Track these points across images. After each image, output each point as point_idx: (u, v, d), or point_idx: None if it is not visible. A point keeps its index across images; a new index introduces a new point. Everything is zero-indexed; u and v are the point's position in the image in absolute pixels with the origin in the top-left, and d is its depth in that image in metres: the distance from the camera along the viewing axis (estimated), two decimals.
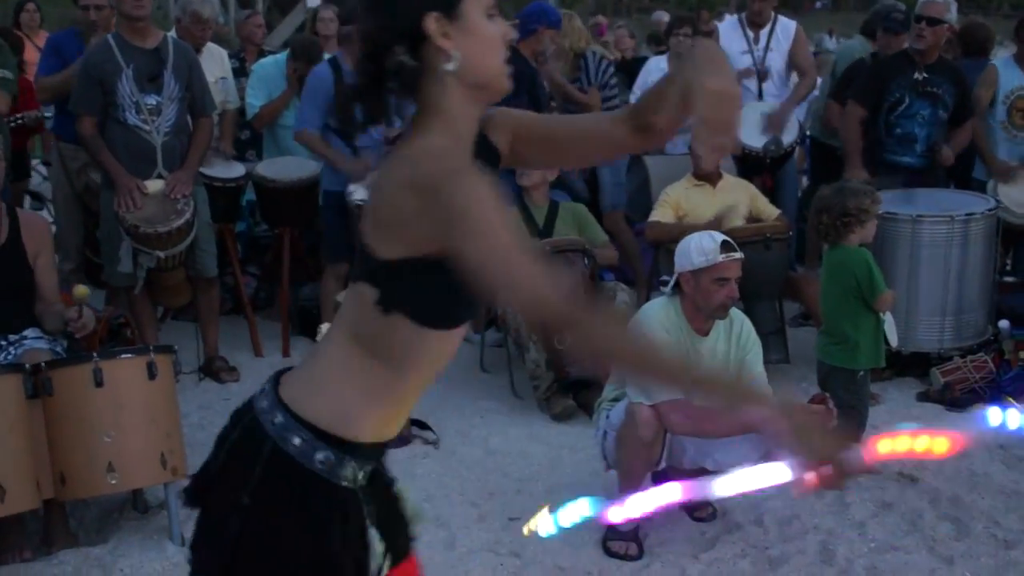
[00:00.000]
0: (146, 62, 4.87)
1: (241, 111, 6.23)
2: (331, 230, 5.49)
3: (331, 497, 1.74)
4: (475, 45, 1.64)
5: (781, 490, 3.84)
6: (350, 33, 5.38)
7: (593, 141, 1.92)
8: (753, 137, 5.95)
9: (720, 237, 3.66)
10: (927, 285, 5.12)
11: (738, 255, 3.67)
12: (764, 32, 6.14)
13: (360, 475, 1.78)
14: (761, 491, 3.79)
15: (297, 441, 1.72)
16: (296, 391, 1.78)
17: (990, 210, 5.24)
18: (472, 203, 1.53)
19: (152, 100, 4.89)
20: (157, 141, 4.93)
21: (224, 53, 6.15)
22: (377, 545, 1.80)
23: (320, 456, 1.72)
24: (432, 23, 1.61)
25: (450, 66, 1.62)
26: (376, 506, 1.83)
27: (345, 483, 1.75)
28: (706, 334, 3.72)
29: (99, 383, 3.54)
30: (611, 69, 6.43)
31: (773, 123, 5.97)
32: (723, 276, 3.61)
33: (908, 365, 5.26)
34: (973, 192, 5.79)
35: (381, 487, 1.87)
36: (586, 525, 1.97)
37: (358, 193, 5.19)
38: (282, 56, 6.34)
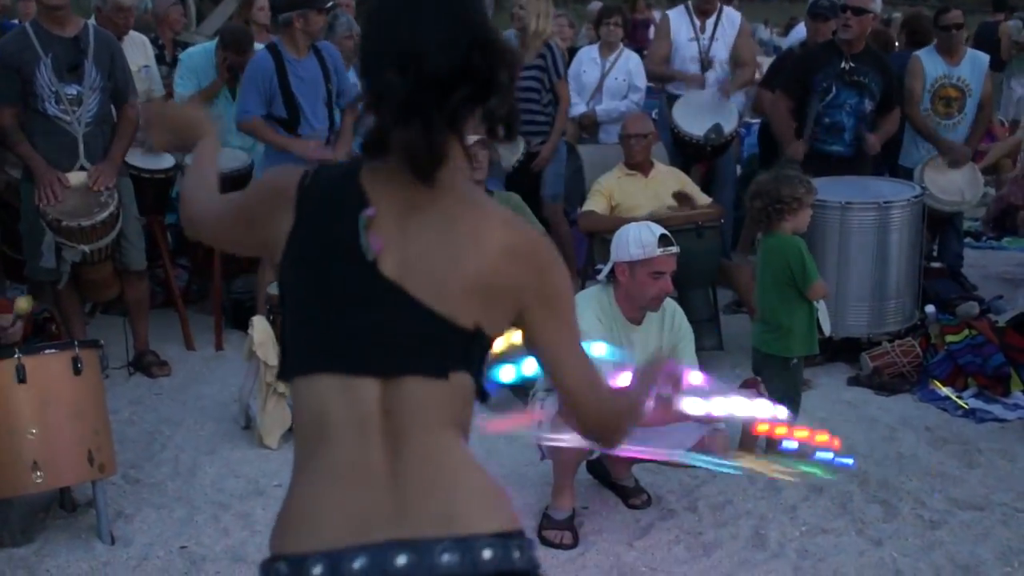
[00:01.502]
0: (65, 51, 4.74)
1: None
2: None
3: None
4: None
5: (714, 476, 3.90)
6: (289, 20, 5.30)
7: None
8: (694, 125, 5.99)
9: (659, 231, 3.67)
10: (856, 271, 5.20)
11: (675, 249, 3.68)
12: (710, 21, 6.20)
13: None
14: (695, 477, 3.84)
15: (517, 555, 1.54)
16: (475, 513, 1.55)
17: (916, 197, 5.34)
18: (572, 305, 1.69)
19: (73, 90, 4.77)
20: (79, 132, 4.82)
21: (147, 41, 6.03)
22: None
23: (532, 553, 1.57)
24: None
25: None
26: None
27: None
28: (639, 323, 3.74)
29: (22, 379, 3.45)
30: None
31: (725, 89, 6.07)
32: (659, 270, 3.62)
33: (839, 351, 5.34)
34: (900, 180, 5.90)
35: None
36: (522, 514, 1.92)
37: None
38: (211, 44, 6.23)
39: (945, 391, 4.90)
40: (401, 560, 1.47)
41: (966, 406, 4.78)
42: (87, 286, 5.10)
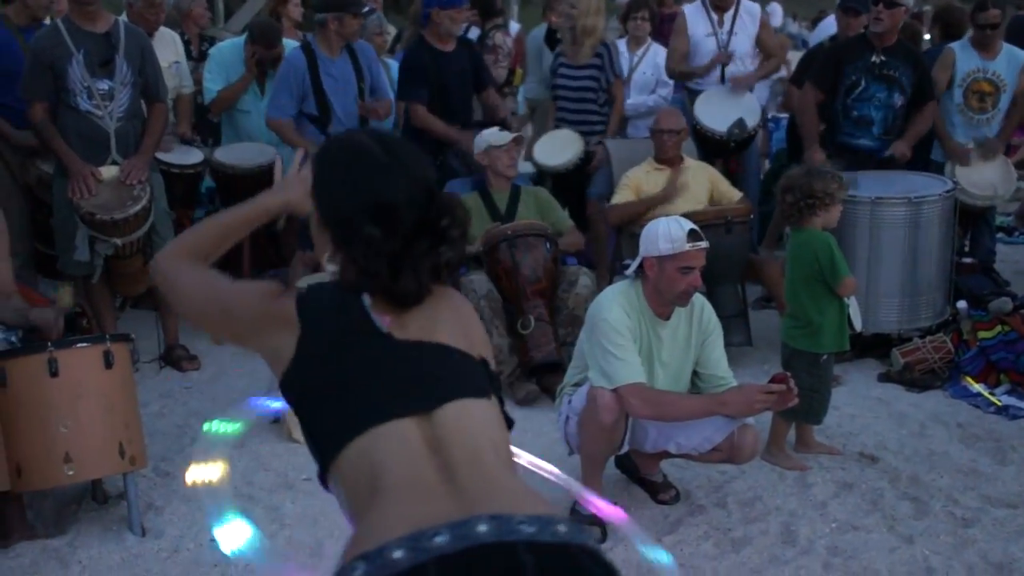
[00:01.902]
0: (97, 47, 4.78)
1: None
2: (305, 218, 5.41)
3: None
4: None
5: (743, 472, 3.88)
6: (323, 21, 5.33)
7: None
8: (717, 121, 5.96)
9: (688, 225, 3.65)
10: (887, 267, 5.16)
11: (704, 244, 3.65)
12: (728, 15, 6.15)
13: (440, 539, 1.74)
14: (723, 473, 3.82)
15: (587, 535, 1.63)
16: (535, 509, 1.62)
17: (948, 192, 5.29)
18: None
19: (104, 85, 4.81)
20: (110, 127, 4.86)
21: (177, 37, 6.07)
22: None
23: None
24: None
25: None
26: None
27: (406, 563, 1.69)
28: (667, 318, 3.72)
29: (54, 373, 3.49)
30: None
31: (737, 83, 6.01)
32: (688, 265, 3.60)
33: (869, 346, 5.30)
34: (931, 174, 5.84)
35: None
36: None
37: None
38: (240, 40, 6.26)
39: (977, 387, 4.85)
40: (483, 527, 1.52)
41: (999, 403, 4.73)
42: (118, 280, 5.14)
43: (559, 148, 6.07)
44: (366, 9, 5.46)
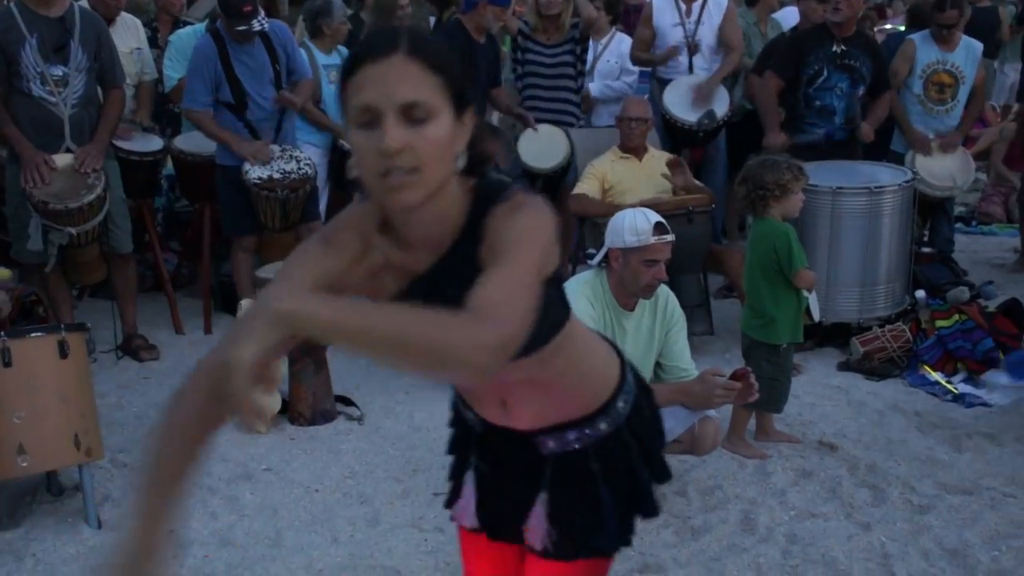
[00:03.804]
0: (51, 31, 4.70)
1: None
2: (229, 204, 5.37)
3: (455, 408, 2.01)
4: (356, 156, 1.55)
5: (704, 461, 3.89)
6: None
7: None
8: (686, 111, 5.97)
9: (654, 218, 3.64)
10: (847, 256, 5.20)
11: (670, 237, 3.64)
12: (696, 6, 6.15)
13: (470, 416, 1.93)
14: (684, 462, 3.83)
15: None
16: None
17: (907, 182, 5.34)
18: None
19: (58, 71, 4.73)
20: (65, 113, 4.78)
21: (139, 23, 5.96)
22: (469, 488, 1.97)
23: None
24: None
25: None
26: (490, 466, 1.95)
27: (461, 414, 1.98)
28: (632, 309, 3.72)
29: (7, 363, 3.43)
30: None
31: (700, 95, 6.00)
32: (653, 258, 3.59)
33: (829, 335, 5.35)
34: (891, 164, 5.89)
35: (511, 471, 1.93)
36: None
37: (253, 172, 5.12)
38: (200, 26, 6.17)
39: (935, 376, 4.91)
40: None
41: (955, 391, 4.78)
42: (74, 269, 5.06)
43: (546, 147, 6.00)
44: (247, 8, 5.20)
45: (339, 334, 1.39)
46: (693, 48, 6.13)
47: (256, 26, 5.10)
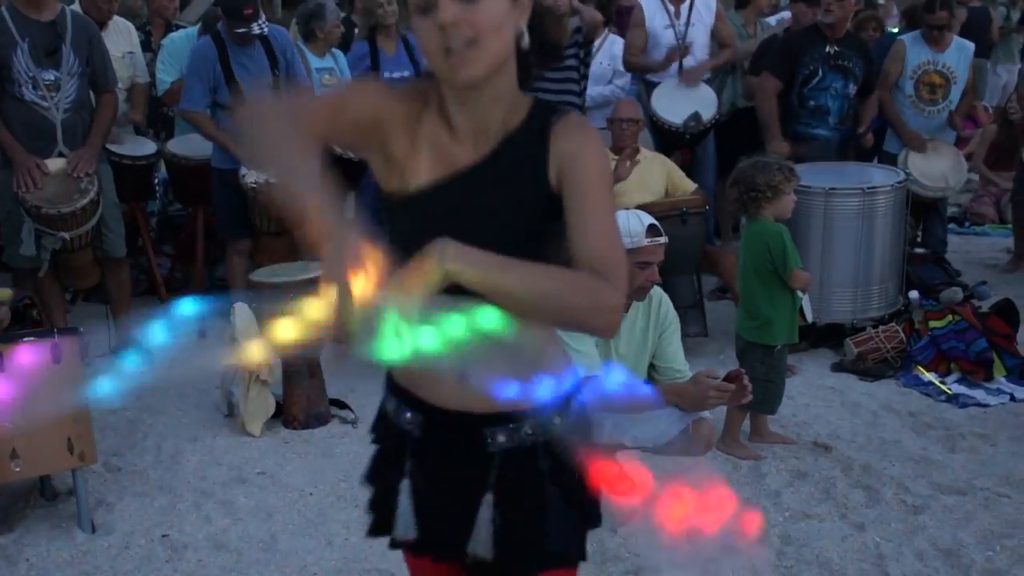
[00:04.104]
0: (42, 36, 4.69)
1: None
2: (225, 207, 5.38)
3: (381, 420, 1.89)
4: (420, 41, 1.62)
5: (698, 462, 3.89)
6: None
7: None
8: (673, 113, 5.98)
9: (648, 220, 3.64)
10: (840, 257, 5.21)
11: (663, 240, 3.65)
12: (685, 7, 6.16)
13: (406, 420, 1.80)
14: (679, 464, 3.82)
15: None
16: None
17: (900, 183, 5.35)
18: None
19: (50, 75, 4.72)
20: (57, 118, 4.77)
21: (131, 27, 5.97)
22: (405, 499, 1.79)
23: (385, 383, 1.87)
24: None
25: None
26: (429, 472, 1.79)
27: (392, 418, 1.83)
28: (625, 311, 3.72)
29: (0, 368, 3.42)
30: None
31: (688, 76, 6.01)
32: (647, 260, 3.59)
33: (823, 336, 5.35)
34: (884, 165, 5.90)
35: (455, 473, 1.77)
36: None
37: (250, 176, 5.11)
38: (193, 30, 6.18)
39: (928, 376, 4.91)
40: None
41: (949, 391, 4.79)
42: (67, 273, 5.06)
43: None
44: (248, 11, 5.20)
45: (488, 290, 1.51)
46: (684, 50, 6.14)
47: (256, 29, 5.10)
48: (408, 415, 1.80)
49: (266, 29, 5.16)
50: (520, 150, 1.64)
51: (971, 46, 6.31)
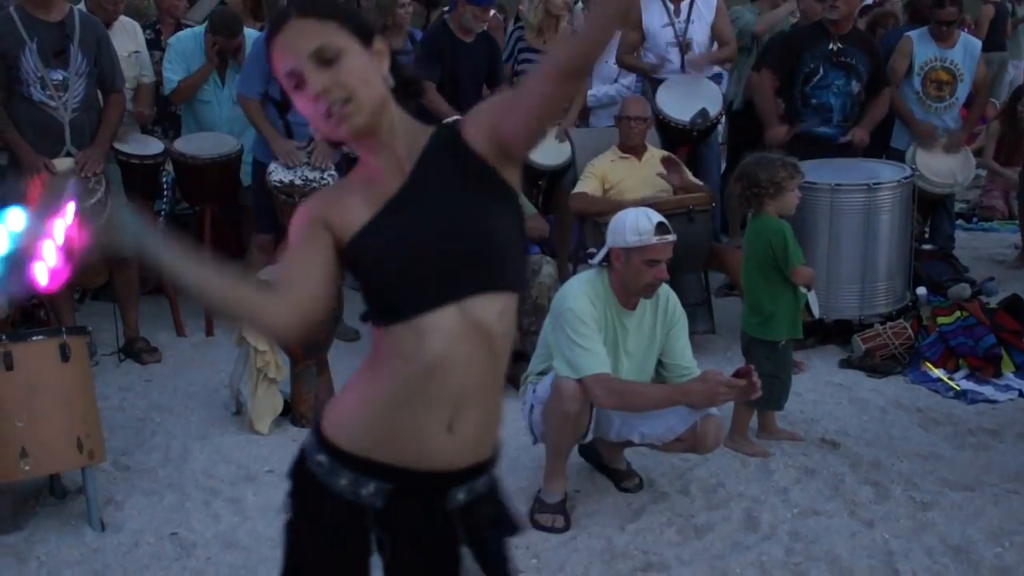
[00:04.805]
0: (51, 36, 4.70)
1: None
2: (257, 201, 5.40)
3: (326, 499, 1.79)
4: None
5: (706, 459, 3.89)
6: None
7: (545, 107, 1.72)
8: (679, 111, 5.96)
9: (656, 218, 3.64)
10: (847, 253, 5.20)
11: (672, 237, 3.65)
12: (684, 5, 6.13)
13: (367, 491, 1.76)
14: (686, 460, 3.83)
15: (310, 439, 1.86)
16: (333, 400, 1.96)
17: (906, 179, 5.33)
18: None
19: (58, 75, 4.73)
20: (65, 118, 4.78)
21: (137, 26, 5.97)
22: None
23: (319, 458, 1.81)
24: None
25: None
26: (401, 547, 1.79)
27: (344, 494, 1.77)
28: (633, 308, 3.72)
29: (9, 366, 3.43)
30: None
31: (695, 64, 6.03)
32: (655, 258, 3.59)
33: (830, 333, 5.34)
34: (890, 161, 5.89)
35: (425, 536, 1.80)
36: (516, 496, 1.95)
37: (276, 173, 5.11)
38: (200, 29, 6.18)
39: (937, 373, 4.91)
40: None
41: (957, 387, 4.78)
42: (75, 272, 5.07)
43: (550, 143, 5.98)
44: None
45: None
46: (685, 47, 6.12)
47: None
48: (372, 486, 1.76)
49: None
50: (440, 152, 1.75)
51: (978, 43, 6.29)
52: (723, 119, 6.46)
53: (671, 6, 6.11)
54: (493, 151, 1.71)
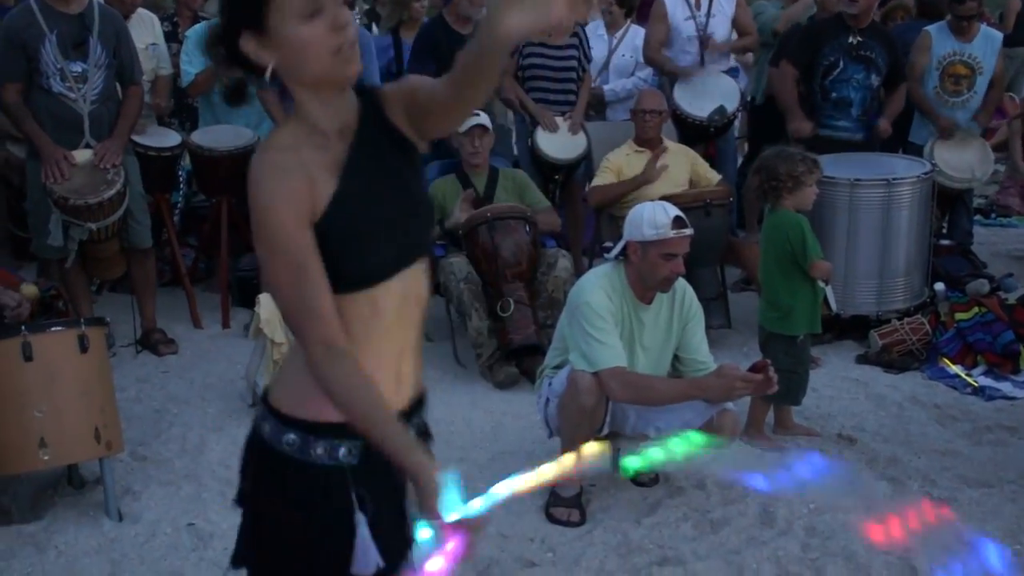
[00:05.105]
0: (70, 28, 4.72)
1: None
2: None
3: (304, 475, 1.80)
4: (289, 53, 1.71)
5: (723, 453, 3.89)
6: None
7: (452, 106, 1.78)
8: (697, 107, 5.95)
9: (673, 212, 3.64)
10: (865, 249, 5.17)
11: (689, 231, 3.64)
12: None
13: (342, 452, 1.80)
14: (704, 454, 3.82)
15: (267, 428, 1.83)
16: (274, 385, 1.93)
17: (926, 174, 5.31)
18: (260, 220, 1.70)
19: (78, 67, 4.75)
20: (84, 109, 4.80)
21: (155, 18, 5.99)
22: (364, 530, 1.79)
23: (288, 438, 1.80)
24: (247, 43, 1.73)
25: (266, 75, 1.74)
26: (377, 491, 1.82)
27: (321, 461, 1.80)
28: (649, 302, 3.71)
29: (28, 357, 3.45)
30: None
31: (713, 48, 6.03)
32: (672, 252, 3.59)
33: (848, 328, 5.32)
34: (909, 156, 5.86)
35: (390, 475, 1.82)
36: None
37: None
38: (215, 21, 6.18)
39: (954, 369, 4.88)
40: None
41: (975, 384, 4.76)
42: (93, 264, 5.10)
43: (566, 138, 5.95)
44: None
45: None
46: (706, 41, 6.10)
47: None
48: (345, 446, 1.80)
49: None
50: (372, 121, 1.79)
51: (999, 36, 6.24)
52: (740, 114, 6.45)
53: (692, 0, 6.10)
54: (410, 129, 1.80)
